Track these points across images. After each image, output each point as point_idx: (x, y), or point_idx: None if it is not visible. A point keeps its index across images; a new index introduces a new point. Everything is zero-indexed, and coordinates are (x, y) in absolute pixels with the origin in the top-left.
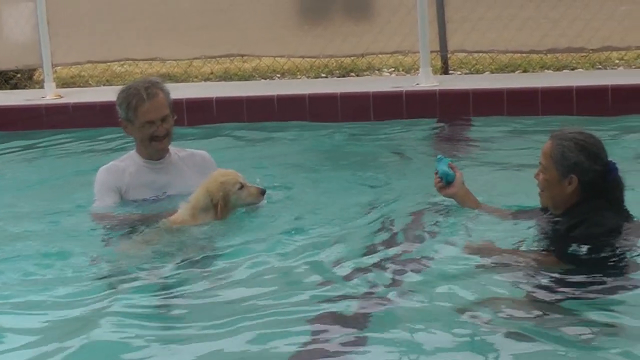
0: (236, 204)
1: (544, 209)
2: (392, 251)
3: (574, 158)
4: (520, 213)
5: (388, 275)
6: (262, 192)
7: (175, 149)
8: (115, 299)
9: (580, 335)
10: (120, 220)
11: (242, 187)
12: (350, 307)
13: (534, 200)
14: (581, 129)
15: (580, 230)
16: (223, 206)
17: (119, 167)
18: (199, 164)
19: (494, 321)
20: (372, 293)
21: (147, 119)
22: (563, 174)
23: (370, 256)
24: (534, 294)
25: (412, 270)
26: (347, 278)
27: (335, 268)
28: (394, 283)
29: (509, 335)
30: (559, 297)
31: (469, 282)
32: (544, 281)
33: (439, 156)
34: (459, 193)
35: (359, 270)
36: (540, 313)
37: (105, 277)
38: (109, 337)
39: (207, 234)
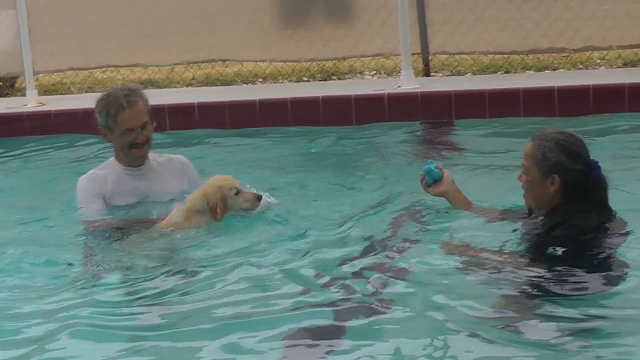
0: (232, 209)
1: (530, 211)
2: (372, 258)
3: (555, 158)
4: (508, 213)
5: (369, 281)
6: (258, 198)
7: (153, 155)
8: (94, 305)
9: (556, 337)
10: (111, 225)
11: (238, 192)
12: (329, 315)
13: (517, 201)
14: (562, 129)
15: (559, 231)
16: (222, 209)
17: (100, 175)
18: (178, 169)
19: (470, 326)
20: (350, 300)
21: (127, 126)
22: (545, 175)
23: (351, 262)
24: (512, 297)
25: (393, 277)
26: (328, 285)
27: (315, 275)
28: (376, 291)
29: (486, 339)
30: (535, 299)
31: (449, 288)
32: (522, 283)
33: (429, 160)
34: (449, 191)
35: (340, 277)
36: (518, 316)
37: (85, 282)
38: (83, 344)
39: (194, 239)
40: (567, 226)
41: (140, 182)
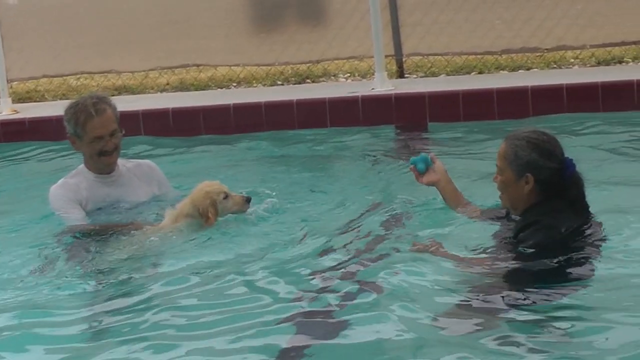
0: (222, 213)
1: (508, 212)
2: (346, 262)
3: (527, 157)
4: (490, 212)
5: (339, 286)
6: (248, 200)
7: (122, 161)
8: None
9: (519, 340)
10: (96, 228)
11: (227, 196)
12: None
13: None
14: (535, 128)
15: (529, 231)
16: (214, 213)
17: (72, 183)
18: (147, 173)
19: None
20: (317, 309)
21: (96, 134)
22: (518, 174)
23: (326, 266)
24: (478, 299)
25: (363, 285)
26: (297, 293)
27: (289, 278)
28: (346, 296)
29: (453, 344)
30: (504, 300)
31: (421, 295)
32: (490, 284)
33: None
34: (440, 181)
35: (309, 287)
36: (482, 320)
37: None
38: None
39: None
40: (538, 226)
41: (111, 189)
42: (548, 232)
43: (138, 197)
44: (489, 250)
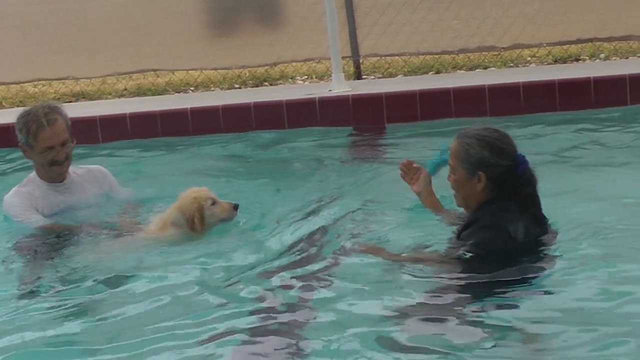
0: (209, 220)
1: None
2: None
3: (478, 154)
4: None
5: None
6: (235, 207)
7: (72, 168)
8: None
9: (453, 340)
10: (62, 228)
11: (214, 202)
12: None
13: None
14: (487, 126)
15: (470, 230)
16: (199, 219)
17: (25, 191)
18: (98, 179)
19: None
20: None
21: (47, 144)
22: (470, 172)
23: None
24: (417, 299)
25: (320, 286)
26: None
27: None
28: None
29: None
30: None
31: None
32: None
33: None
34: (422, 193)
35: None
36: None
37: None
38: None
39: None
40: (479, 225)
41: (65, 196)
42: (488, 231)
43: (90, 203)
44: (436, 250)
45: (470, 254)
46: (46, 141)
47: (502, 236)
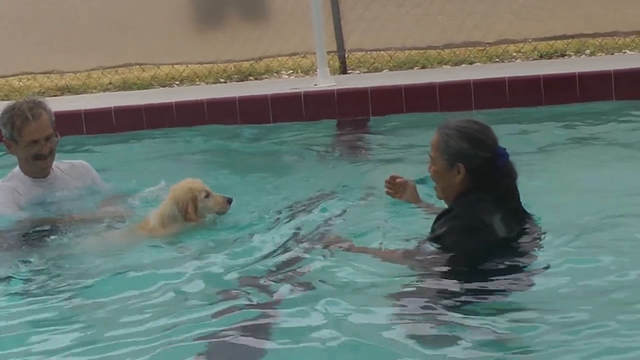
0: (203, 212)
1: None
2: (284, 260)
3: (457, 145)
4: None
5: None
6: (229, 201)
7: (55, 163)
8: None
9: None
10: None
11: (208, 195)
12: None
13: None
14: (469, 117)
15: (441, 221)
16: (193, 208)
17: (8, 186)
18: (81, 174)
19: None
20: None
21: (32, 138)
22: (449, 163)
23: (258, 265)
24: (386, 297)
25: (299, 286)
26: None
27: (226, 278)
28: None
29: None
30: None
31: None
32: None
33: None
34: (410, 200)
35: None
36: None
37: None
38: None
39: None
40: (449, 216)
41: (49, 191)
42: (459, 221)
43: (75, 197)
44: (412, 243)
45: (438, 246)
46: (31, 135)
47: (474, 227)
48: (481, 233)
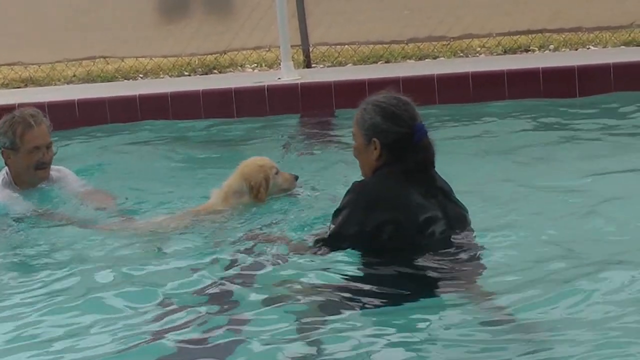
0: (272, 189)
1: None
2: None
3: (371, 120)
4: None
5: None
6: (296, 178)
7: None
8: None
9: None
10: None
11: (277, 172)
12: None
13: None
14: (389, 93)
15: (342, 200)
16: (265, 188)
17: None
18: (66, 178)
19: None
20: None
21: (35, 144)
22: (366, 138)
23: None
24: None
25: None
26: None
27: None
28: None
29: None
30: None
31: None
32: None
33: None
34: None
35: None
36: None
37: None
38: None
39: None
40: (347, 192)
41: (39, 201)
42: (352, 196)
43: (65, 202)
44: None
45: (330, 233)
46: (34, 141)
47: (371, 202)
48: (374, 210)
